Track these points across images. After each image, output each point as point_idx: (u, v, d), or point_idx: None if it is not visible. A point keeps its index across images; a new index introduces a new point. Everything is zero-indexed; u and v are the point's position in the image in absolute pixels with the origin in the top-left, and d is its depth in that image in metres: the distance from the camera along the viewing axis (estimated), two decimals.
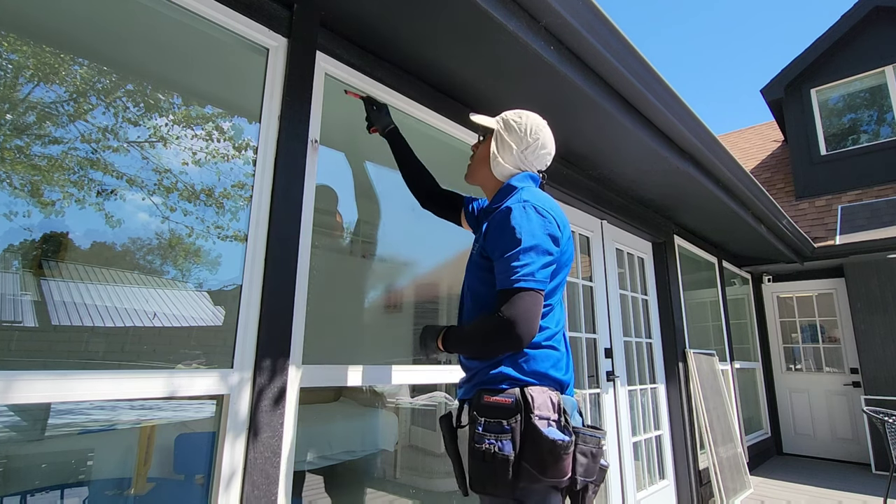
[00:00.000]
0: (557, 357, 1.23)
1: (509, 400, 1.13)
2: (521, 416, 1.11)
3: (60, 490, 1.27)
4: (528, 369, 1.18)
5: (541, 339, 1.21)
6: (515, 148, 1.38)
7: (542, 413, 1.12)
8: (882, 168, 5.96)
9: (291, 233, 1.50)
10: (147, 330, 1.46)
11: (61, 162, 1.29)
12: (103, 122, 1.39)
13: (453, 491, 2.36)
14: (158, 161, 1.46)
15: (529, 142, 1.37)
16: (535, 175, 1.41)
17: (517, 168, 1.39)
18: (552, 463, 1.07)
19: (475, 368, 1.25)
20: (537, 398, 1.14)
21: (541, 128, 1.40)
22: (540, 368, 1.19)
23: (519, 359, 1.19)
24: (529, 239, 1.18)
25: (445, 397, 2.62)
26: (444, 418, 1.31)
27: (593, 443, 1.16)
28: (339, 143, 2.05)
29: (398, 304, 2.58)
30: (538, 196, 1.30)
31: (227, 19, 1.51)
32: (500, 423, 1.11)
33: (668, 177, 3.12)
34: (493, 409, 1.14)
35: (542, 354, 1.21)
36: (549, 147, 1.42)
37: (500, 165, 1.39)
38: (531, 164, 1.40)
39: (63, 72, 1.34)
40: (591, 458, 1.15)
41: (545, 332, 1.23)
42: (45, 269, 1.28)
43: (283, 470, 1.39)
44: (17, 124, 1.24)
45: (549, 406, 1.15)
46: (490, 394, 1.17)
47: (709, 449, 3.67)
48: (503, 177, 1.40)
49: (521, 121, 1.40)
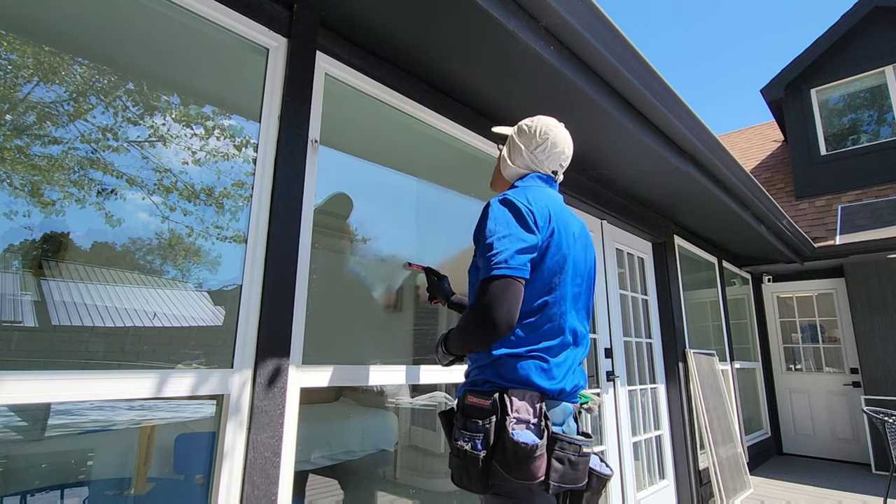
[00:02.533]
0: (546, 367, 1.21)
1: (488, 401, 1.16)
2: (497, 418, 1.14)
3: (60, 490, 1.27)
4: (510, 376, 1.19)
5: (524, 350, 1.20)
6: (524, 149, 1.41)
7: (520, 416, 1.14)
8: (882, 168, 5.96)
9: (291, 233, 1.50)
10: (147, 330, 1.46)
11: (61, 162, 1.29)
12: (103, 121, 1.39)
13: (453, 491, 2.36)
14: (158, 161, 1.46)
15: (539, 141, 1.40)
16: (544, 175, 1.42)
17: (528, 169, 1.42)
18: (515, 464, 1.09)
19: (468, 371, 1.30)
20: (516, 402, 1.15)
21: (551, 127, 1.42)
22: (522, 375, 1.19)
23: (502, 367, 1.20)
24: (503, 228, 1.19)
25: (445, 397, 2.62)
26: (442, 413, 1.35)
27: (572, 450, 1.15)
28: (343, 144, 2.05)
29: (398, 303, 2.58)
30: (528, 192, 1.29)
31: (226, 19, 1.51)
32: (476, 423, 1.15)
33: (668, 177, 3.12)
34: (473, 408, 1.18)
35: (527, 364, 1.20)
36: (561, 146, 1.42)
37: (509, 168, 1.43)
38: (543, 164, 1.41)
39: (63, 71, 1.34)
40: (568, 465, 1.14)
41: (536, 344, 1.22)
42: (45, 269, 1.28)
43: (284, 470, 1.39)
44: (17, 124, 1.24)
45: (528, 410, 1.16)
46: (474, 395, 1.20)
47: (709, 449, 3.67)
48: (512, 178, 1.44)
49: (532, 123, 1.43)
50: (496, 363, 1.21)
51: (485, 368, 1.23)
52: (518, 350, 1.20)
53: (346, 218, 2.13)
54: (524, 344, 1.21)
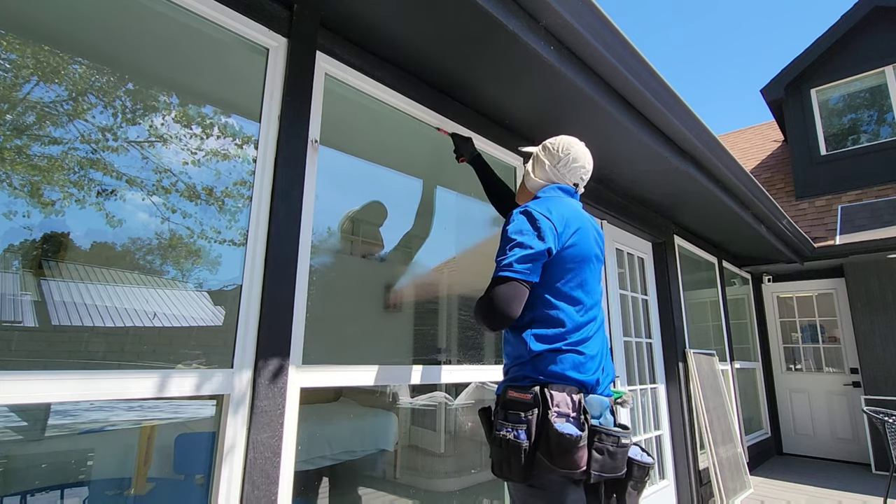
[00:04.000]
0: (581, 360, 1.33)
1: (529, 396, 1.27)
2: (539, 411, 1.24)
3: (60, 490, 1.27)
4: (549, 371, 1.30)
5: (562, 345, 1.32)
6: (548, 163, 1.58)
7: (560, 410, 1.25)
8: (882, 168, 5.96)
9: (291, 233, 1.50)
10: (147, 330, 1.46)
11: (61, 162, 1.28)
12: (103, 121, 1.39)
13: (453, 491, 2.36)
14: (158, 161, 1.46)
15: (560, 157, 1.57)
16: (566, 186, 1.57)
17: (549, 181, 1.58)
18: (560, 454, 1.18)
19: (507, 368, 1.42)
20: (556, 396, 1.26)
21: (572, 145, 1.59)
22: (560, 370, 1.30)
23: (541, 363, 1.31)
24: (517, 236, 1.34)
25: (445, 397, 2.62)
26: (482, 410, 1.45)
27: (610, 441, 1.25)
28: (343, 144, 2.05)
29: (398, 303, 2.58)
30: (549, 202, 1.45)
31: (226, 19, 1.51)
32: (519, 415, 1.25)
33: (668, 177, 3.12)
34: (515, 403, 1.28)
35: (564, 358, 1.31)
36: (581, 161, 1.58)
37: (532, 180, 1.61)
38: (565, 177, 1.57)
39: (63, 71, 1.34)
40: (607, 455, 1.24)
41: (569, 338, 1.34)
42: (45, 269, 1.28)
43: (284, 470, 1.38)
44: (17, 124, 1.24)
45: (567, 404, 1.26)
46: (515, 390, 1.31)
47: (709, 449, 3.67)
48: (534, 189, 1.61)
49: (555, 141, 1.60)
50: (535, 359, 1.32)
51: (524, 365, 1.33)
52: (557, 345, 1.32)
53: (380, 226, 2.19)
54: (559, 339, 1.33)
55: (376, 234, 2.20)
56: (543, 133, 2.55)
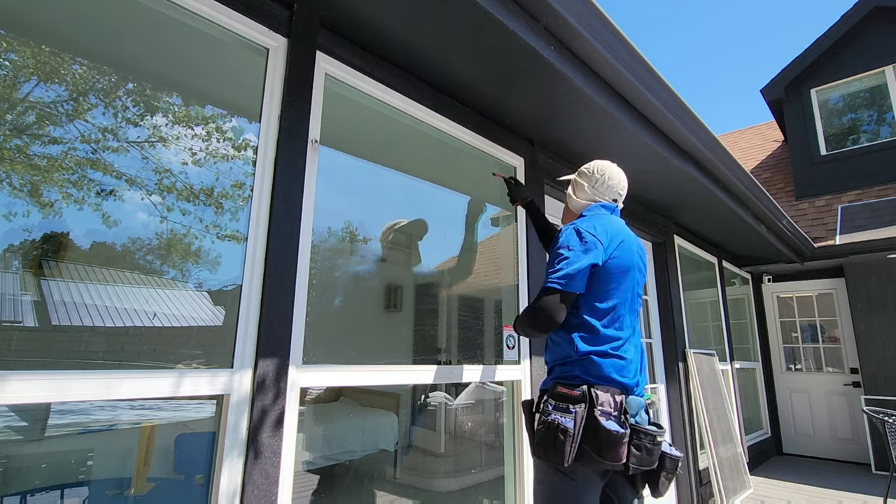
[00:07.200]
0: (623, 364, 1.48)
1: (577, 392, 1.41)
2: (586, 407, 1.38)
3: (60, 490, 1.27)
4: (595, 373, 1.45)
5: (607, 348, 1.47)
6: (587, 185, 1.75)
7: (604, 409, 1.39)
8: (882, 168, 5.96)
9: (291, 233, 1.50)
10: (147, 330, 1.46)
11: (61, 162, 1.28)
12: (103, 121, 1.39)
13: (453, 491, 2.36)
14: (158, 161, 1.46)
15: (597, 177, 1.74)
16: (607, 203, 1.73)
17: (591, 200, 1.74)
18: (607, 448, 1.33)
19: (552, 367, 1.57)
20: (601, 396, 1.40)
21: (606, 166, 1.76)
22: (605, 373, 1.45)
23: (589, 365, 1.46)
24: (564, 251, 1.50)
25: (445, 397, 2.62)
26: (526, 402, 1.59)
27: (648, 439, 1.39)
28: (343, 144, 2.05)
29: (398, 304, 2.58)
30: (594, 220, 1.61)
31: (226, 19, 1.51)
32: (567, 406, 1.40)
33: (668, 177, 3.12)
34: (563, 396, 1.43)
35: (608, 362, 1.46)
36: (615, 179, 1.75)
37: (574, 202, 1.79)
38: (604, 195, 1.74)
39: (63, 71, 1.34)
40: (644, 452, 1.39)
41: (612, 343, 1.49)
42: (45, 269, 1.28)
43: (284, 470, 1.38)
44: (17, 124, 1.24)
45: (611, 403, 1.41)
46: (564, 386, 1.46)
47: (709, 449, 3.67)
48: (578, 210, 1.76)
49: (590, 166, 1.78)
50: (583, 360, 1.46)
51: (573, 364, 1.48)
52: (601, 348, 1.47)
53: (420, 240, 2.31)
54: (603, 342, 1.48)
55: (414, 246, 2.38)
56: (544, 133, 2.55)
